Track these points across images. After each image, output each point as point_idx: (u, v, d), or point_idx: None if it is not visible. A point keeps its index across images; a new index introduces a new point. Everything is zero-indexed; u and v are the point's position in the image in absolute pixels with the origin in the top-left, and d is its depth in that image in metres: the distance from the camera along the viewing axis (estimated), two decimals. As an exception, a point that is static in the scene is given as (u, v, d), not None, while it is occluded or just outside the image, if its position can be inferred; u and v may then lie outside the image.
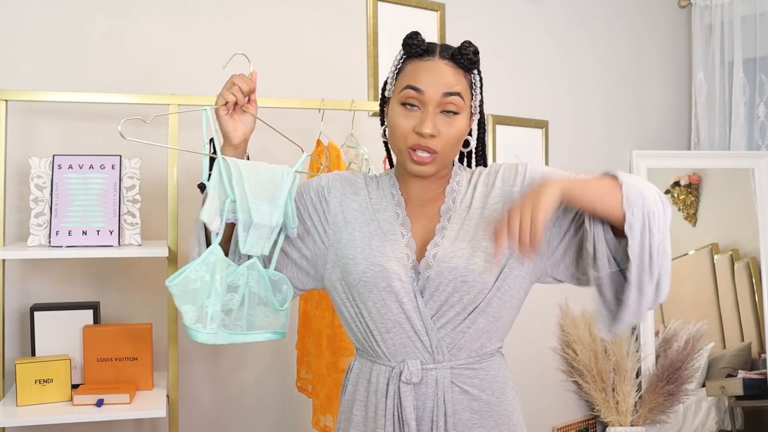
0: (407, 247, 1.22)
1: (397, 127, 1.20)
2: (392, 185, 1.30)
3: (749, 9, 3.28)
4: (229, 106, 1.21)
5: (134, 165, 1.94)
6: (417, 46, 1.20)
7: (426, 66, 1.19)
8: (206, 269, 1.16)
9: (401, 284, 1.19)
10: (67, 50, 2.09)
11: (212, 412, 2.31)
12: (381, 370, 1.23)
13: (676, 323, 3.16)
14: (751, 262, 3.20)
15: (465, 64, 1.20)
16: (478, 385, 1.23)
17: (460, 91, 1.19)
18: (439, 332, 1.20)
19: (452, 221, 1.23)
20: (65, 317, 1.92)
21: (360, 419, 1.27)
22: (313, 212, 1.29)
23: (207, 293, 1.17)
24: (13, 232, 2.01)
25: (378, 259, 1.20)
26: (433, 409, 1.20)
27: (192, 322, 1.17)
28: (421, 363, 1.20)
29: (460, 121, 1.20)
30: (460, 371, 1.21)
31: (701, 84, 3.41)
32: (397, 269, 1.19)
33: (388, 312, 1.20)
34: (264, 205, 1.17)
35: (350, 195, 1.29)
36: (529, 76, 3.04)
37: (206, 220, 1.15)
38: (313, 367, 2.09)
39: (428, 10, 2.72)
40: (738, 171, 3.26)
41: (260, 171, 1.19)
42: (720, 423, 3.14)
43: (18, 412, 1.76)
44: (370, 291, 1.21)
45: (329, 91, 2.41)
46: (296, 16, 2.46)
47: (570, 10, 3.17)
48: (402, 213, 1.26)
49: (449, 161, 1.25)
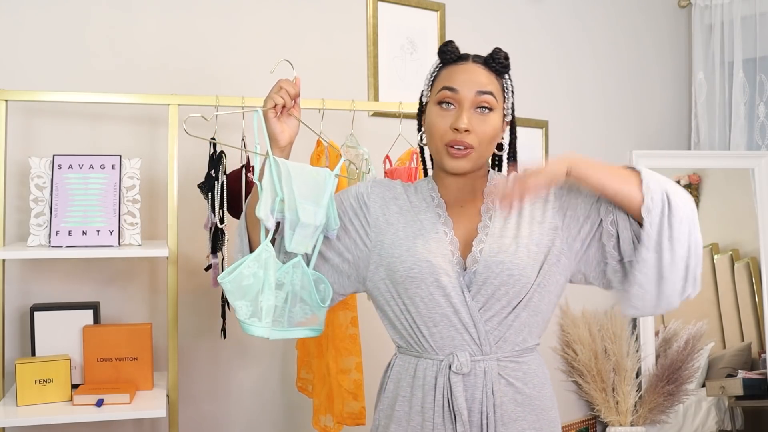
0: (451, 245, 1.27)
1: (434, 126, 1.26)
2: (431, 189, 1.34)
3: (749, 9, 3.28)
4: (278, 109, 1.24)
5: (134, 165, 1.94)
6: (451, 52, 1.28)
7: (460, 68, 1.27)
8: (259, 265, 1.19)
9: (448, 279, 1.23)
10: (67, 50, 2.09)
11: (212, 412, 2.31)
12: (428, 364, 1.26)
13: (676, 323, 3.16)
14: (751, 262, 3.20)
15: (497, 68, 1.27)
16: (521, 378, 1.26)
17: (492, 90, 1.25)
18: (486, 325, 1.24)
19: (494, 220, 1.28)
20: (65, 317, 1.92)
21: (403, 414, 1.29)
22: (354, 217, 1.33)
23: (260, 288, 1.20)
24: (13, 232, 2.01)
25: (424, 255, 1.24)
26: (482, 400, 1.23)
27: (247, 317, 1.20)
28: (469, 354, 1.24)
29: (494, 119, 1.26)
30: (506, 363, 1.25)
31: (701, 84, 3.41)
32: (444, 265, 1.24)
33: (436, 306, 1.24)
34: (309, 205, 1.21)
35: (390, 199, 1.34)
36: (529, 76, 3.04)
37: (263, 217, 1.18)
38: (314, 367, 2.09)
39: (428, 10, 2.72)
40: (738, 171, 3.26)
41: (305, 172, 1.24)
42: (720, 423, 3.14)
43: (18, 412, 1.76)
44: (417, 287, 1.24)
45: (329, 91, 2.41)
46: (296, 16, 2.46)
47: (570, 10, 3.17)
48: (443, 213, 1.31)
49: (484, 159, 1.29)
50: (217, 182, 1.93)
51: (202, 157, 2.19)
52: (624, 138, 3.33)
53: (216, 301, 2.26)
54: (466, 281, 1.24)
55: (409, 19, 2.68)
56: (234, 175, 1.97)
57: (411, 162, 2.09)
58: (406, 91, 2.65)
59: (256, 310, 1.20)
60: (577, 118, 3.20)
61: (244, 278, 1.18)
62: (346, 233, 1.33)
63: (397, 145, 2.19)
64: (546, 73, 3.09)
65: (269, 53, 2.40)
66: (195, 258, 2.25)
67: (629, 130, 3.36)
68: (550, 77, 3.10)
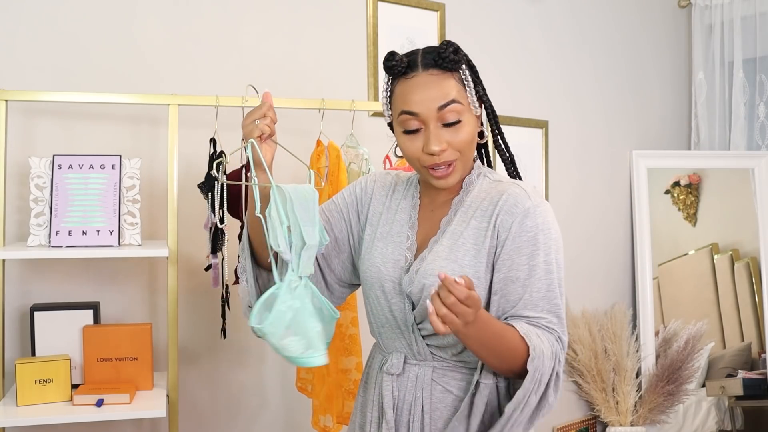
0: (408, 250, 1.27)
1: (407, 152, 1.23)
2: (416, 188, 1.34)
3: (749, 9, 3.28)
4: (264, 137, 1.24)
5: (134, 165, 1.94)
6: (397, 65, 1.21)
7: (413, 84, 1.19)
8: (292, 296, 1.17)
9: (392, 285, 1.26)
10: (67, 50, 2.09)
11: (212, 412, 2.31)
12: (378, 360, 1.33)
13: (676, 323, 3.16)
14: (751, 262, 3.20)
15: (448, 66, 1.19)
16: (464, 388, 1.23)
17: (453, 97, 1.19)
18: (425, 338, 1.25)
19: (445, 236, 1.24)
20: (65, 317, 1.92)
21: (359, 403, 1.38)
22: (353, 213, 1.38)
23: (305, 317, 1.17)
24: (13, 232, 2.00)
25: (376, 260, 1.29)
26: (412, 402, 1.25)
27: (302, 352, 1.16)
28: (405, 358, 1.27)
29: (465, 125, 1.20)
30: (444, 372, 1.25)
31: (701, 84, 3.41)
32: (392, 272, 1.26)
33: (380, 309, 1.29)
34: (309, 226, 1.20)
35: (380, 197, 1.37)
36: (529, 76, 3.04)
37: (282, 251, 1.16)
38: (314, 368, 2.09)
39: (428, 10, 2.72)
40: (738, 171, 3.26)
41: (299, 192, 1.21)
42: (720, 423, 3.14)
43: (18, 412, 1.76)
44: (369, 289, 1.31)
45: (329, 91, 2.41)
46: (296, 16, 2.45)
47: (570, 10, 3.17)
48: (414, 215, 1.31)
49: (470, 162, 1.26)
50: (217, 182, 1.93)
51: (202, 157, 2.19)
52: (624, 138, 3.33)
53: (216, 301, 2.26)
54: (408, 291, 1.23)
55: (409, 19, 2.67)
56: (234, 175, 1.97)
57: (411, 162, 2.08)
58: (406, 91, 2.65)
59: (310, 342, 1.17)
60: (577, 118, 3.19)
61: (282, 314, 1.15)
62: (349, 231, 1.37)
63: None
64: (546, 73, 3.09)
65: (269, 53, 2.40)
66: (195, 258, 2.25)
67: (629, 130, 3.36)
68: (550, 77, 3.10)
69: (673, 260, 3.24)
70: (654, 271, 3.23)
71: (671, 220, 3.25)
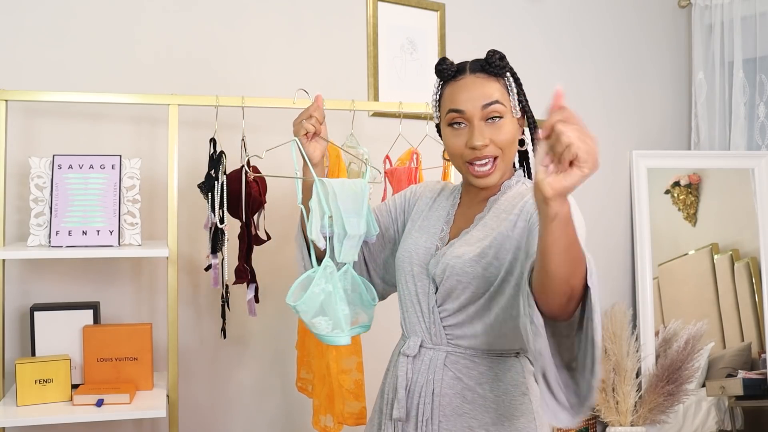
0: (440, 240, 1.36)
1: (451, 147, 1.32)
2: (459, 191, 1.44)
3: (749, 9, 3.28)
4: (309, 136, 1.35)
5: (134, 165, 1.94)
6: (448, 69, 1.32)
7: (460, 85, 1.30)
8: (326, 280, 1.29)
9: (420, 269, 1.34)
10: (67, 50, 2.09)
11: (212, 412, 2.31)
12: (400, 345, 1.41)
13: (676, 323, 3.16)
14: (751, 262, 3.20)
15: (494, 71, 1.30)
16: (475, 377, 1.28)
17: (497, 98, 1.28)
18: (444, 321, 1.31)
19: (477, 228, 1.32)
20: (65, 317, 1.92)
21: (381, 388, 1.44)
22: (401, 213, 1.49)
23: (335, 300, 1.29)
24: (13, 232, 2.01)
25: (410, 246, 1.38)
26: (424, 384, 1.30)
27: (330, 330, 1.29)
28: (422, 341, 1.33)
29: (507, 124, 1.29)
30: (457, 359, 1.29)
31: (701, 84, 3.40)
32: (422, 257, 1.35)
33: (408, 294, 1.36)
34: (353, 217, 1.32)
35: (426, 199, 1.47)
36: (529, 75, 3.04)
37: (315, 239, 1.28)
38: (314, 367, 2.09)
39: (428, 10, 2.72)
40: (738, 171, 3.26)
41: (345, 186, 1.34)
42: (720, 423, 3.14)
43: (18, 412, 1.76)
44: (400, 275, 1.38)
45: (329, 91, 2.41)
46: (296, 16, 2.46)
47: (570, 10, 3.17)
48: (452, 212, 1.40)
49: (509, 164, 1.34)
50: (217, 182, 1.93)
51: (202, 157, 2.19)
52: (624, 138, 3.33)
53: (216, 301, 2.26)
54: (433, 275, 1.32)
55: (409, 19, 2.67)
56: (234, 175, 1.97)
57: (411, 162, 2.09)
58: (406, 91, 2.65)
59: (337, 323, 1.29)
60: (577, 118, 3.19)
61: (315, 296, 1.28)
62: (396, 230, 1.49)
63: (397, 145, 2.19)
64: (546, 73, 3.09)
65: (269, 53, 2.40)
66: (195, 258, 2.25)
67: (629, 130, 3.36)
68: (550, 77, 3.10)
69: (673, 260, 3.24)
70: (654, 271, 3.23)
71: (671, 220, 3.25)
